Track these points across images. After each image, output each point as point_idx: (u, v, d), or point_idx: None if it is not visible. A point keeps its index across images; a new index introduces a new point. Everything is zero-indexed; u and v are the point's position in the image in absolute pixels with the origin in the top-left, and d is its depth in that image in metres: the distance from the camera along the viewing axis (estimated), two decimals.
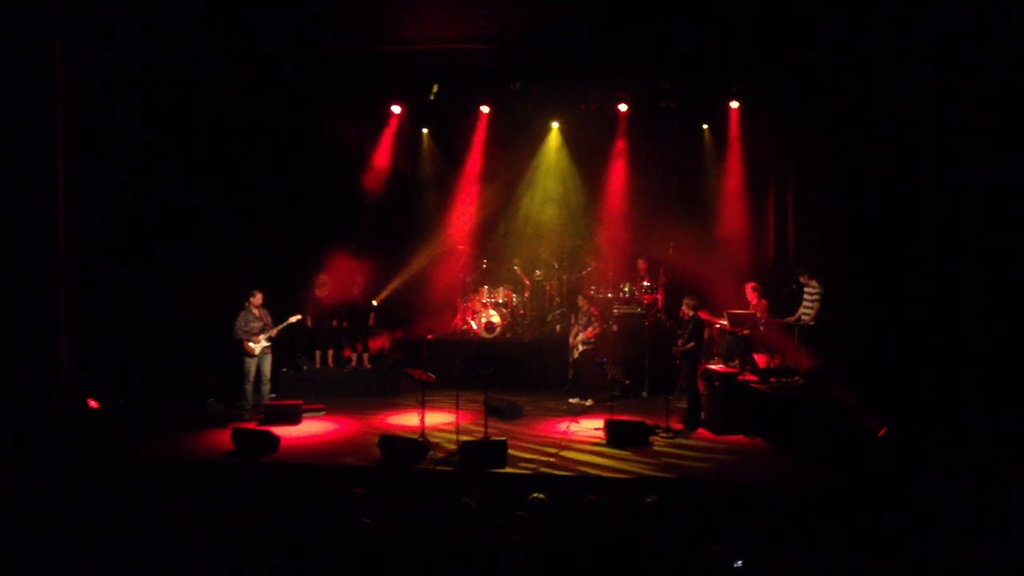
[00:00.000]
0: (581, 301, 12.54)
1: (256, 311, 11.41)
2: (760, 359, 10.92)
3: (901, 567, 5.83)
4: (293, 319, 11.68)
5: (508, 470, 8.88)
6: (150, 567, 5.76)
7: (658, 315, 13.86)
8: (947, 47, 9.21)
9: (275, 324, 11.49)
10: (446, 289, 14.94)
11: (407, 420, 11.05)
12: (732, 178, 14.13)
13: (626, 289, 14.16)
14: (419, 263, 14.73)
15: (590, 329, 12.11)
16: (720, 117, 14.05)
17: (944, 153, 9.37)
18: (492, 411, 10.47)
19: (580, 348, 12.16)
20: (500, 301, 14.45)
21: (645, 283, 14.15)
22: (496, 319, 14.02)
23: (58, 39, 9.96)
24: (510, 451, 9.27)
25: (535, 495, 6.63)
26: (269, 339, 11.47)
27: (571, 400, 12.16)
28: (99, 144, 10.84)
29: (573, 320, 12.78)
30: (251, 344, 11.30)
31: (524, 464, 9.09)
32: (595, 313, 12.28)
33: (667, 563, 5.41)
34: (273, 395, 11.86)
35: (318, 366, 13.01)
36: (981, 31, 8.93)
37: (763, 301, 11.62)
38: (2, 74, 9.69)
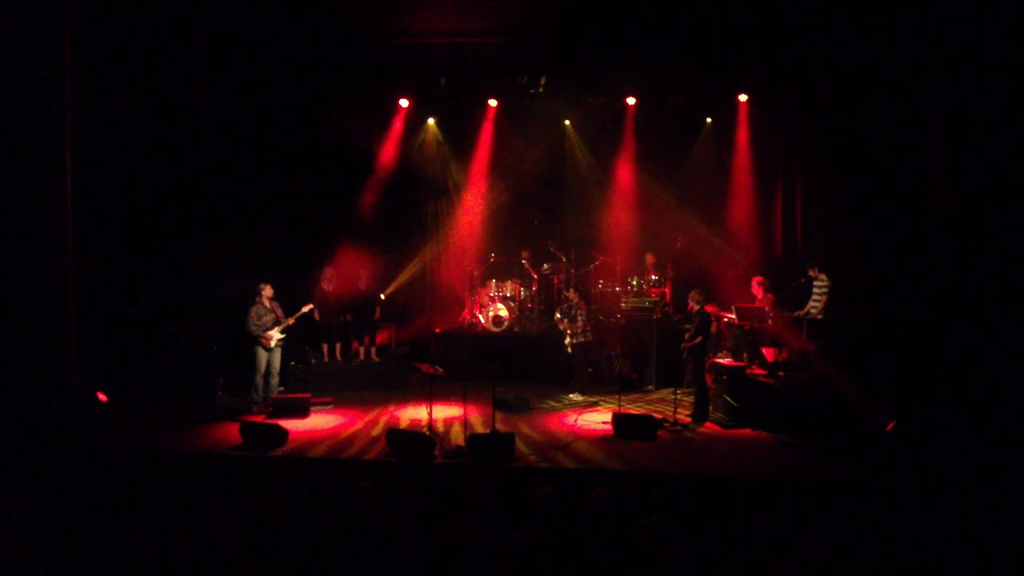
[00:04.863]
0: (573, 295, 12.36)
1: (267, 303, 11.44)
2: (768, 353, 10.90)
3: (906, 562, 5.82)
4: (305, 308, 11.69)
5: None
6: (158, 560, 5.79)
7: (666, 309, 13.83)
8: (957, 41, 9.15)
9: (288, 315, 11.52)
10: (454, 283, 14.96)
11: (415, 414, 11.08)
12: (740, 172, 14.09)
13: (634, 283, 14.14)
14: (427, 257, 14.73)
15: (576, 324, 11.96)
16: (729, 111, 14.00)
17: (952, 147, 9.32)
18: (499, 404, 10.48)
19: (573, 342, 12.09)
20: (508, 295, 14.45)
21: (653, 277, 14.14)
22: (504, 313, 14.02)
23: (67, 32, 9.98)
24: (517, 444, 9.30)
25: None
26: (284, 331, 11.50)
27: (566, 397, 12.11)
28: (109, 137, 10.88)
29: (568, 314, 12.60)
30: (267, 337, 11.33)
31: (531, 457, 9.12)
32: (582, 307, 12.15)
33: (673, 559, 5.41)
34: (281, 388, 11.91)
35: (326, 360, 13.04)
36: (991, 25, 8.87)
37: (769, 295, 11.60)
38: (15, 64, 9.71)
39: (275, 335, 11.39)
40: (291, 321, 11.52)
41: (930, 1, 9.39)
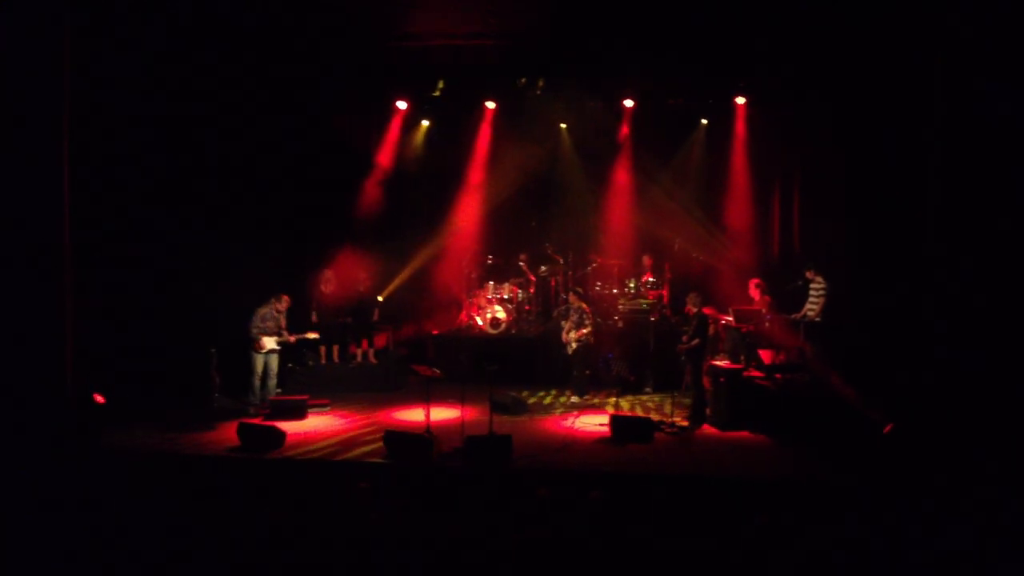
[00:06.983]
0: (572, 298, 12.40)
1: (275, 312, 11.53)
2: (765, 355, 10.91)
3: (903, 564, 5.84)
4: (311, 335, 11.79)
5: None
6: (156, 563, 5.79)
7: (663, 311, 13.85)
8: (957, 41, 9.16)
9: (291, 331, 11.62)
10: (451, 285, 14.96)
11: (412, 415, 11.08)
12: (738, 174, 14.10)
13: (631, 285, 14.15)
14: (424, 259, 14.74)
15: (584, 329, 11.96)
16: (726, 113, 14.02)
17: (951, 149, 9.33)
18: (497, 407, 10.47)
19: (573, 345, 12.12)
20: (505, 297, 14.45)
21: (650, 279, 14.15)
22: (501, 315, 14.02)
23: (68, 31, 9.96)
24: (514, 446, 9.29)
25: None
26: (280, 344, 11.54)
27: (564, 398, 12.19)
28: (106, 138, 10.86)
29: (566, 316, 12.66)
30: (262, 341, 11.35)
31: (528, 459, 9.12)
32: (587, 310, 12.20)
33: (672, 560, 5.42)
34: (279, 390, 11.91)
35: (323, 361, 13.03)
36: (992, 26, 8.88)
37: (767, 298, 11.61)
38: (14, 63, 9.69)
39: (269, 343, 11.42)
40: (292, 339, 11.60)
41: (930, 2, 9.40)
